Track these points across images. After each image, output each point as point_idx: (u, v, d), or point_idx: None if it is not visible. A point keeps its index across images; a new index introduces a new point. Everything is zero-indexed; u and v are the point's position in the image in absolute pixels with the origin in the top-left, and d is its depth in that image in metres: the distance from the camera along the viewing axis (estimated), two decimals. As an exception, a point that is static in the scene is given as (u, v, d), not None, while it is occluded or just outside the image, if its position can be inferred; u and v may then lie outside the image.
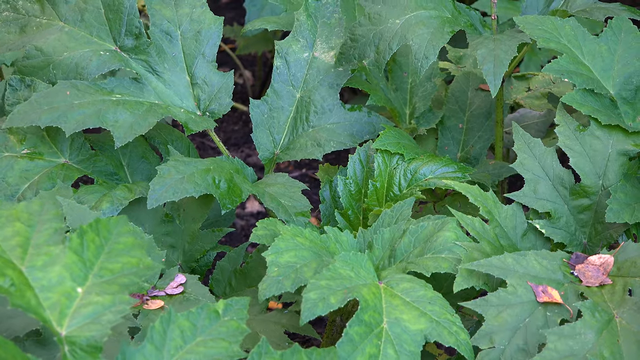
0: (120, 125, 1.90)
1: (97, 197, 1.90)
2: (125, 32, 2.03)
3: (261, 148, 2.08)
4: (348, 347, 1.47)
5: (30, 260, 1.39)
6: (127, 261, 1.41)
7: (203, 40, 2.07)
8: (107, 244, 1.41)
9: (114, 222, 1.42)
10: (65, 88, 1.92)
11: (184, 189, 1.83)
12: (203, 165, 1.89)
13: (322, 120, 2.08)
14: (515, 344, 1.55)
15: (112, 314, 1.37)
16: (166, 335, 1.38)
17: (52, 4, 2.04)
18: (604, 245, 1.83)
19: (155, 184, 1.83)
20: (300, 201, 1.93)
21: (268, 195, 1.91)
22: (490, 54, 1.84)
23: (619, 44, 1.94)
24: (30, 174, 1.92)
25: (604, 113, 1.87)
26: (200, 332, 1.40)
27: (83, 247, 1.40)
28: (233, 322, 1.41)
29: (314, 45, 2.11)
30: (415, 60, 1.89)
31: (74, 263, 1.39)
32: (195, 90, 2.07)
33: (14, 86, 1.96)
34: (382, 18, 1.95)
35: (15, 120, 1.87)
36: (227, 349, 1.38)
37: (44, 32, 2.01)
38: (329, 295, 1.50)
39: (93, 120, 1.89)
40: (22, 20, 2.03)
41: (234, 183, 1.88)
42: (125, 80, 2.00)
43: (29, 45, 1.99)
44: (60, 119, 1.88)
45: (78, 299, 1.38)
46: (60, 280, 1.38)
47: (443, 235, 1.67)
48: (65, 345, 1.34)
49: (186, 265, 1.97)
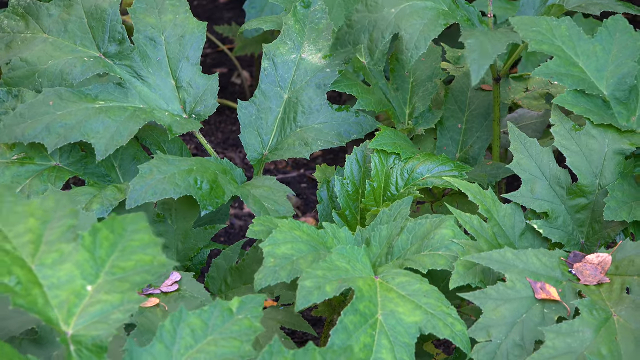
0: (101, 137, 1.92)
1: (87, 198, 1.90)
2: (109, 38, 2.05)
3: (249, 149, 2.09)
4: (342, 335, 1.47)
5: (41, 258, 1.36)
6: (141, 258, 1.37)
7: (187, 44, 2.09)
8: (121, 241, 1.37)
9: (130, 219, 1.38)
10: (49, 97, 1.95)
11: (163, 190, 1.83)
12: (186, 165, 1.89)
13: (309, 120, 2.09)
14: (511, 339, 1.55)
15: (121, 312, 1.34)
16: (176, 334, 1.36)
17: (36, 19, 2.07)
18: (602, 245, 1.83)
19: (135, 184, 1.83)
20: (283, 205, 1.93)
21: (252, 198, 1.92)
22: (478, 44, 1.83)
23: (614, 44, 1.95)
24: (22, 178, 1.93)
25: (597, 113, 1.87)
26: (211, 330, 1.37)
27: (95, 245, 1.37)
28: (246, 321, 1.38)
29: (301, 47, 2.12)
30: (405, 50, 1.89)
31: (85, 261, 1.37)
32: (181, 93, 2.08)
33: (1, 98, 1.99)
34: (378, 5, 1.96)
35: (1, 136, 1.91)
36: (239, 348, 1.36)
37: (29, 44, 2.05)
38: (324, 284, 1.50)
39: (74, 134, 1.91)
40: (7, 37, 2.06)
41: (217, 184, 1.89)
42: (110, 86, 2.03)
43: (13, 58, 2.02)
44: (41, 134, 1.90)
45: (87, 297, 1.35)
46: (70, 278, 1.36)
47: (440, 233, 1.67)
48: (71, 344, 1.32)
49: (180, 264, 1.97)
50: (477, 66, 1.82)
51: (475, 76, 1.81)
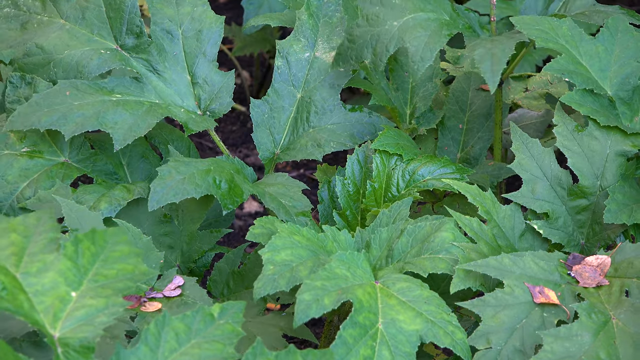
0: (119, 127, 1.90)
1: (95, 197, 1.90)
2: (126, 31, 2.03)
3: (261, 148, 2.08)
4: (341, 350, 1.47)
5: (25, 268, 1.39)
6: (123, 267, 1.42)
7: (204, 39, 2.07)
8: (102, 252, 1.42)
9: (110, 233, 1.42)
10: (65, 88, 1.93)
11: (184, 190, 1.83)
12: (203, 165, 1.89)
13: (322, 121, 2.08)
14: (511, 345, 1.55)
15: (106, 315, 1.38)
16: (160, 337, 1.39)
17: (54, 2, 2.04)
18: (602, 246, 1.83)
19: (156, 186, 1.83)
20: (300, 201, 1.93)
21: (268, 195, 1.91)
22: (487, 52, 1.83)
23: (616, 44, 1.94)
24: (30, 172, 1.92)
25: (603, 114, 1.87)
26: (195, 334, 1.40)
27: (78, 254, 1.41)
28: (228, 325, 1.41)
29: (315, 45, 2.11)
30: (412, 63, 1.89)
31: (68, 269, 1.40)
32: (196, 90, 2.07)
33: (15, 83, 1.97)
34: (379, 20, 1.95)
35: (15, 123, 1.88)
36: (222, 351, 1.39)
37: (45, 29, 2.02)
38: (323, 297, 1.50)
39: (92, 123, 1.89)
40: (23, 17, 2.03)
41: (234, 183, 1.88)
42: (126, 80, 2.00)
43: (29, 43, 1.99)
44: (59, 121, 1.88)
45: (72, 302, 1.38)
46: (54, 285, 1.39)
47: (440, 236, 1.67)
48: (59, 347, 1.35)
49: (184, 265, 1.97)
50: (491, 74, 1.81)
51: (492, 84, 1.81)
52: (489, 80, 1.81)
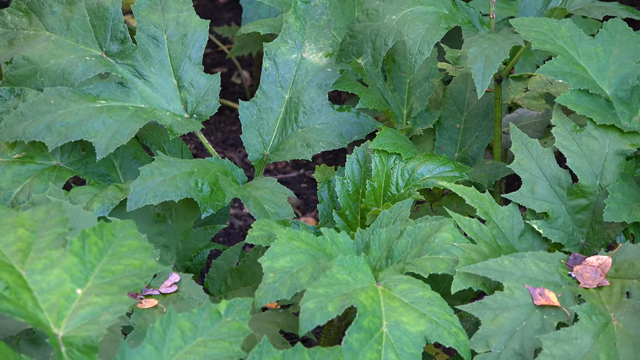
0: (102, 136, 1.92)
1: (88, 197, 1.90)
2: (111, 37, 2.05)
3: (250, 149, 2.09)
4: (348, 356, 1.46)
5: (31, 264, 1.39)
6: (130, 263, 1.41)
7: (189, 43, 2.09)
8: (110, 247, 1.41)
9: (119, 227, 1.41)
10: (50, 97, 1.95)
11: (164, 192, 1.83)
12: (187, 167, 1.89)
13: (311, 121, 2.09)
14: (511, 348, 1.54)
15: (110, 314, 1.37)
16: (166, 336, 1.38)
17: (39, 16, 2.07)
18: (602, 246, 1.83)
19: (136, 186, 1.83)
20: (284, 208, 1.93)
21: (252, 200, 1.92)
22: (481, 53, 1.84)
23: (615, 45, 1.94)
24: (22, 178, 1.94)
25: (599, 113, 1.87)
26: (200, 332, 1.39)
27: (84, 250, 1.40)
28: (235, 323, 1.40)
29: (302, 46, 2.12)
30: (409, 56, 1.89)
31: (74, 265, 1.39)
32: (183, 93, 2.08)
33: (3, 96, 1.99)
34: (379, 14, 1.96)
35: (2, 135, 1.92)
36: (228, 350, 1.38)
37: (31, 42, 2.05)
38: (326, 304, 1.49)
39: (75, 133, 1.91)
40: (10, 33, 2.06)
41: (217, 186, 1.89)
42: (111, 85, 2.03)
43: (16, 56, 2.02)
44: (43, 132, 1.91)
45: (77, 300, 1.38)
46: (59, 282, 1.38)
47: (440, 236, 1.67)
48: (63, 345, 1.34)
49: (180, 264, 1.97)
50: (482, 76, 1.82)
51: (481, 87, 1.81)
52: (479, 82, 1.82)
